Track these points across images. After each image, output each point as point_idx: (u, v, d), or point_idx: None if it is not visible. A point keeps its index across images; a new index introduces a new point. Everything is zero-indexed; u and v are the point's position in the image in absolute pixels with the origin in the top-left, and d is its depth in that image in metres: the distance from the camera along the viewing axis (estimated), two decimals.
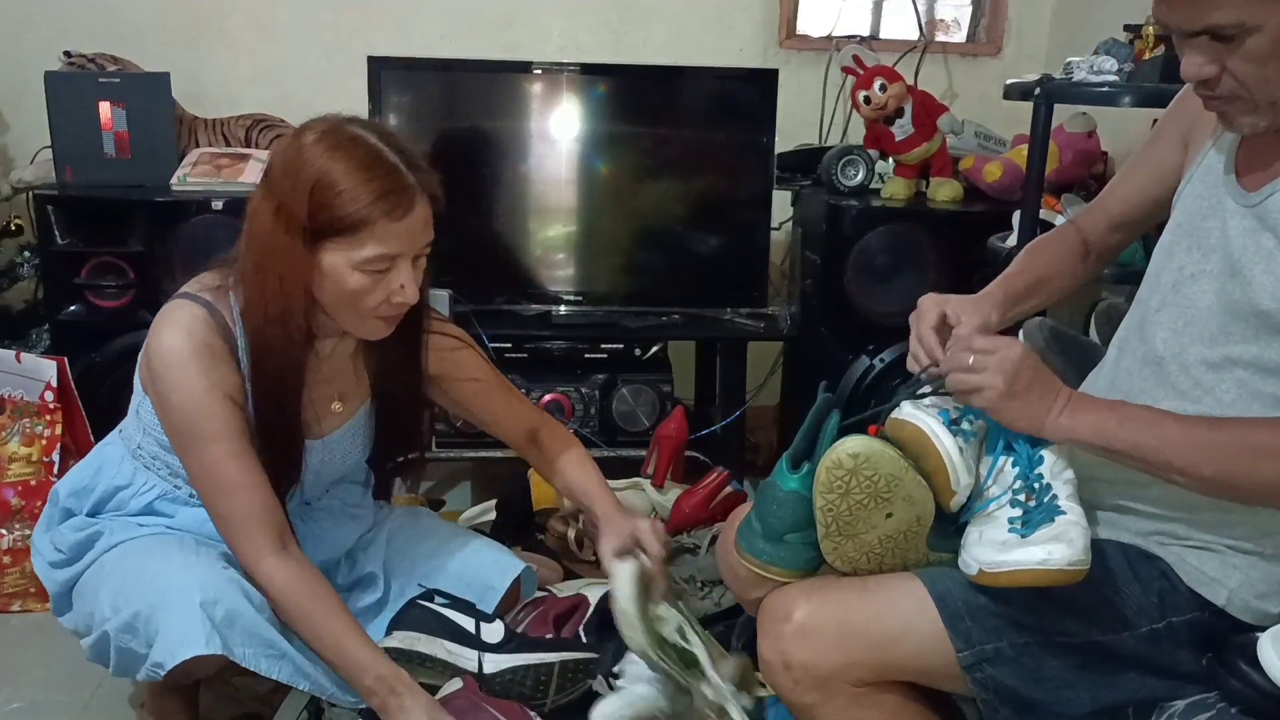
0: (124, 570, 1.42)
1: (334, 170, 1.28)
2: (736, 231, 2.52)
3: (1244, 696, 1.12)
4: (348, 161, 1.29)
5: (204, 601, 1.31)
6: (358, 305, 1.36)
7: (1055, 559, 1.08)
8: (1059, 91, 1.97)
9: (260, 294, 1.35)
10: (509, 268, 2.52)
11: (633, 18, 2.92)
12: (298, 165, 1.30)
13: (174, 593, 1.33)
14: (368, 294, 1.35)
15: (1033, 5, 3.01)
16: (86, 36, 2.62)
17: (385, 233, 1.31)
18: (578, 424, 2.46)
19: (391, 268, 1.34)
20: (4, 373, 2.17)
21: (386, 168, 1.31)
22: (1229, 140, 1.22)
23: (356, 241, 1.31)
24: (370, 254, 1.31)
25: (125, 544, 1.47)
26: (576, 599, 1.78)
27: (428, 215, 1.37)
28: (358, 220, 1.29)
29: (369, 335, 1.44)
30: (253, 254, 1.35)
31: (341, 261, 1.32)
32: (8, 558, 2.09)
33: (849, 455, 1.14)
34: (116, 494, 1.51)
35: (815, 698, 1.19)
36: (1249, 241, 1.14)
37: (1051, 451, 1.17)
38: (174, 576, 1.36)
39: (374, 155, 1.31)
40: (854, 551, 1.19)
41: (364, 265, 1.32)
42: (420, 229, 1.36)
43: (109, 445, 1.57)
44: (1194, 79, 1.12)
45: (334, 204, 1.29)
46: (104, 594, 1.41)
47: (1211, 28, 1.06)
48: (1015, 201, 2.19)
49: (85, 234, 2.41)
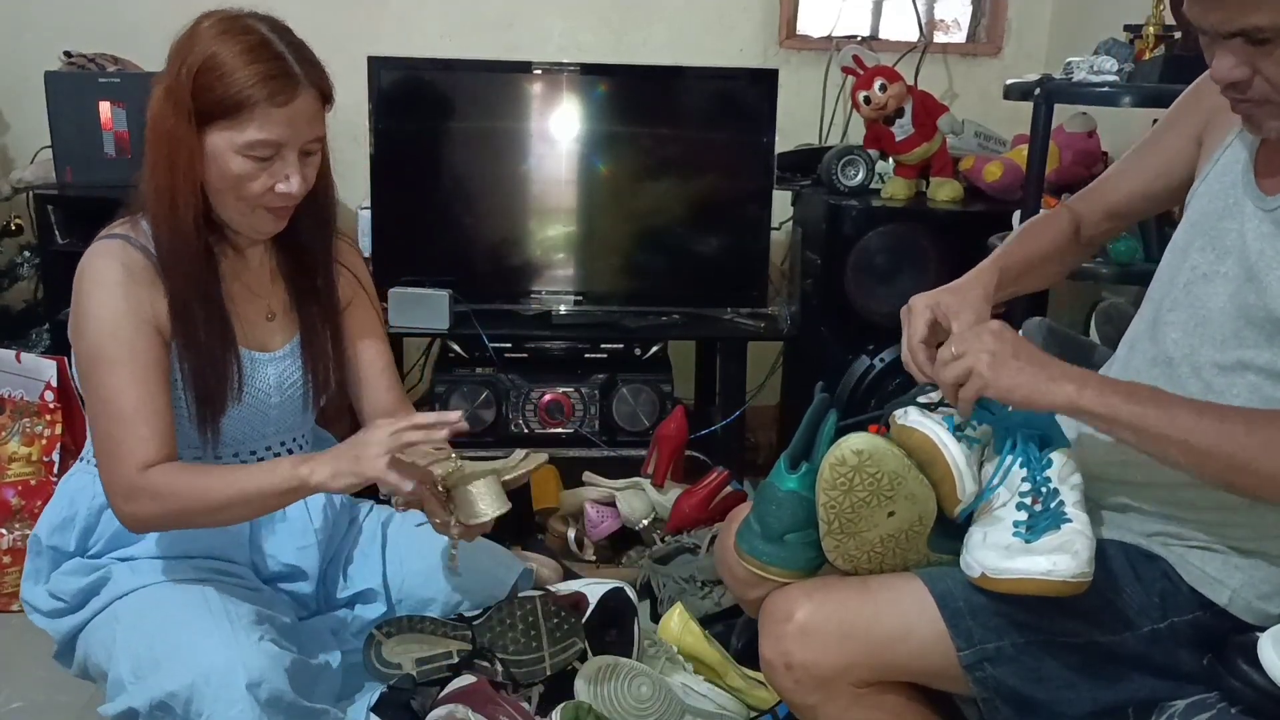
0: (146, 630, 1.36)
1: (221, 52, 1.31)
2: (736, 231, 2.52)
3: (1244, 697, 1.11)
4: (235, 45, 1.31)
5: (250, 683, 1.28)
6: (240, 191, 1.35)
7: (1059, 570, 1.07)
8: (1059, 91, 1.97)
9: (155, 182, 1.35)
10: (509, 268, 2.52)
11: (633, 18, 2.92)
12: (187, 48, 1.33)
13: (216, 674, 1.28)
14: (251, 180, 1.35)
15: (1033, 5, 3.01)
16: (86, 36, 2.62)
17: (267, 117, 1.32)
18: (577, 424, 2.46)
19: (276, 156, 1.35)
20: (4, 373, 2.17)
21: (273, 53, 1.33)
22: (1249, 140, 1.20)
23: (239, 124, 1.31)
24: (252, 137, 1.32)
25: (141, 594, 1.41)
26: (575, 596, 1.78)
27: (315, 108, 1.38)
28: (239, 101, 1.30)
29: (257, 230, 1.42)
30: (148, 142, 1.37)
31: (224, 144, 1.33)
32: (8, 558, 2.09)
33: (853, 452, 1.14)
34: (101, 513, 1.46)
35: (817, 698, 1.19)
36: (1267, 246, 1.13)
37: (1061, 454, 1.17)
38: (214, 653, 1.30)
39: (262, 41, 1.33)
40: (855, 550, 1.19)
41: (246, 149, 1.33)
42: (305, 120, 1.36)
43: (72, 477, 1.53)
44: (1225, 81, 1.09)
45: (217, 84, 1.30)
46: (123, 656, 1.35)
47: (1248, 30, 1.04)
48: (1015, 201, 2.19)
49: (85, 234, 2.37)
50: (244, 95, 1.30)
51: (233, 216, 1.40)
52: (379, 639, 1.49)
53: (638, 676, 1.61)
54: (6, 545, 2.10)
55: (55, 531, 1.49)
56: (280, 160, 1.35)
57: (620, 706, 1.56)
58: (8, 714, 1.79)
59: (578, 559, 2.21)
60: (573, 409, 2.46)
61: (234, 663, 1.29)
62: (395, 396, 1.63)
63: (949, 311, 1.23)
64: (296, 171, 1.37)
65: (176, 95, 1.32)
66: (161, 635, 1.35)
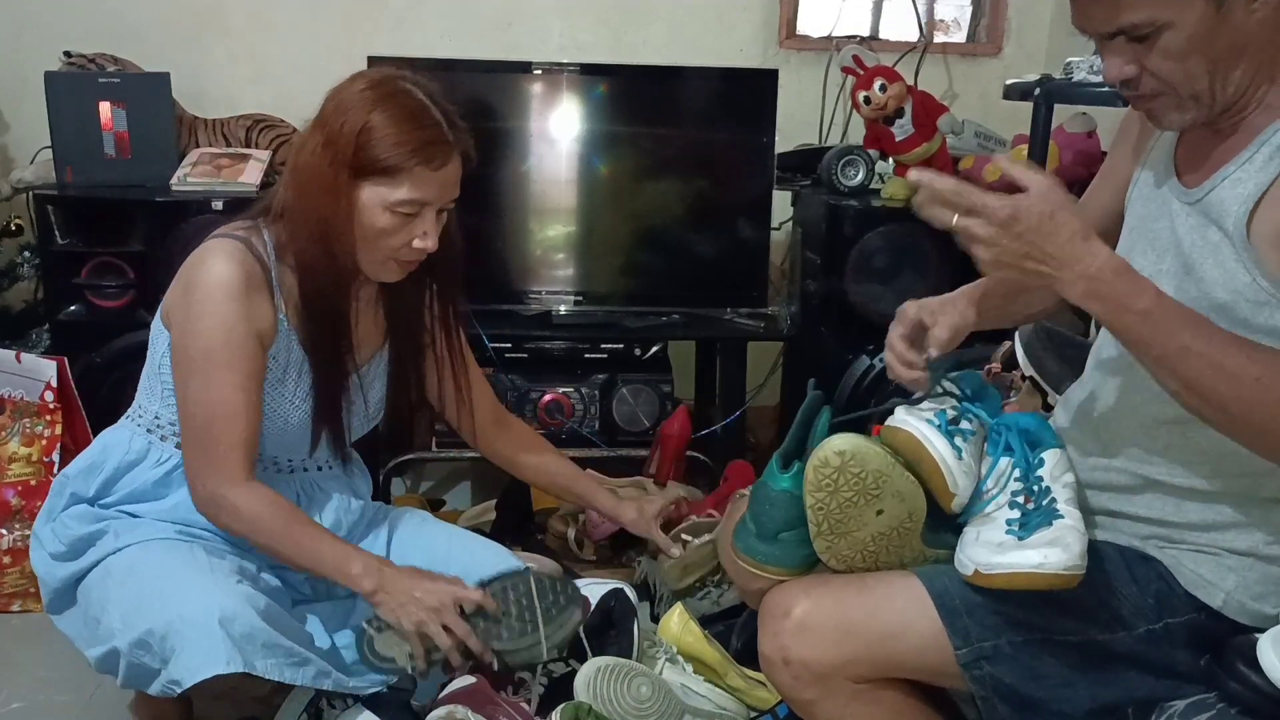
0: (137, 585, 1.42)
1: (382, 116, 1.40)
2: (736, 231, 2.52)
3: (1243, 698, 1.11)
4: (398, 110, 1.41)
5: (223, 619, 1.33)
6: (380, 243, 1.45)
7: (1050, 563, 1.09)
8: (1059, 91, 1.97)
9: (304, 219, 1.44)
10: (509, 268, 2.52)
11: (633, 18, 2.92)
12: (349, 106, 1.42)
13: (192, 612, 1.34)
14: (392, 234, 1.44)
15: (1033, 5, 3.01)
16: (86, 36, 2.62)
17: (419, 179, 1.42)
18: (577, 424, 2.46)
19: (418, 214, 1.45)
20: (4, 373, 2.17)
21: (430, 120, 1.43)
22: (1167, 141, 1.24)
23: (393, 183, 1.42)
24: (404, 196, 1.42)
25: (133, 550, 1.47)
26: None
27: (459, 172, 1.48)
28: (399, 164, 1.40)
29: (383, 277, 1.52)
30: (297, 183, 1.46)
31: (375, 199, 1.42)
32: (8, 558, 2.10)
33: (835, 453, 1.14)
34: (130, 470, 1.53)
35: (815, 694, 1.20)
36: (1196, 238, 1.15)
37: (1053, 454, 1.17)
38: (191, 596, 1.37)
39: (421, 107, 1.43)
40: (848, 550, 1.19)
41: (395, 206, 1.42)
42: (450, 183, 1.47)
43: (114, 431, 1.59)
44: (1116, 80, 1.14)
45: (379, 146, 1.40)
46: (113, 607, 1.42)
47: (1126, 28, 1.09)
48: None
49: (85, 234, 2.41)
50: (402, 160, 1.40)
51: (364, 264, 1.49)
52: (370, 633, 1.49)
53: (637, 677, 1.61)
54: (6, 545, 2.10)
55: (81, 475, 1.55)
56: (421, 218, 1.45)
57: (620, 707, 1.55)
58: (8, 714, 1.79)
59: (578, 559, 2.21)
60: (573, 409, 2.46)
61: (209, 603, 1.35)
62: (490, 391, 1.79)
63: (935, 313, 1.27)
64: (434, 230, 1.47)
65: (335, 150, 1.41)
66: (149, 584, 1.41)
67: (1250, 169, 1.12)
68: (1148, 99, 1.14)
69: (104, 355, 2.36)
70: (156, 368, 1.53)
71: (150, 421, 1.54)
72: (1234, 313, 1.12)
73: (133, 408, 1.59)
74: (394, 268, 1.50)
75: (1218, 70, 1.10)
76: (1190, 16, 1.06)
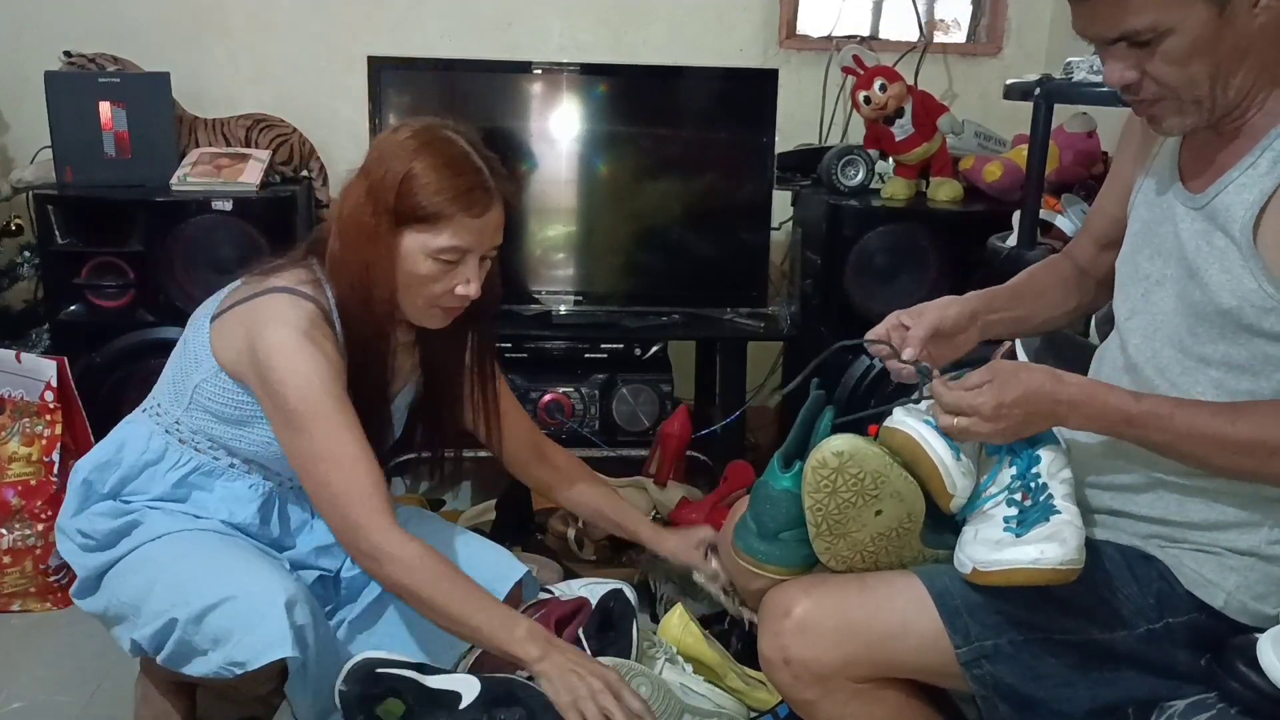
0: (185, 562, 1.43)
1: (424, 164, 1.41)
2: (736, 231, 2.52)
3: (1243, 698, 1.11)
4: (439, 158, 1.42)
5: (287, 602, 1.34)
6: (423, 290, 1.46)
7: (1047, 558, 1.09)
8: (1059, 91, 1.97)
9: (348, 266, 1.45)
10: (509, 268, 2.50)
11: (633, 18, 2.92)
12: (392, 155, 1.43)
13: (258, 590, 1.35)
14: (435, 281, 1.45)
15: (1033, 5, 3.01)
16: (86, 36, 2.62)
17: (461, 227, 1.43)
18: (577, 424, 2.46)
19: (461, 261, 1.45)
20: (4, 373, 2.17)
21: (472, 167, 1.44)
22: (1171, 146, 1.24)
23: (435, 230, 1.42)
24: (445, 244, 1.43)
25: (175, 536, 1.47)
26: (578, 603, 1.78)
27: (501, 219, 1.48)
28: (439, 212, 1.41)
29: (427, 324, 1.52)
30: (342, 231, 1.47)
31: (418, 247, 1.43)
32: (8, 558, 2.10)
33: (834, 454, 1.14)
34: (144, 470, 1.52)
35: (815, 693, 1.20)
36: (1201, 243, 1.16)
37: (1049, 450, 1.17)
38: (254, 576, 1.38)
39: (463, 156, 1.44)
40: (847, 550, 1.19)
41: (437, 253, 1.43)
42: (492, 229, 1.47)
43: (131, 424, 1.57)
44: (1117, 85, 1.15)
45: (420, 194, 1.41)
46: (160, 585, 1.42)
47: (1127, 34, 1.09)
48: (1015, 201, 2.19)
49: (85, 234, 2.41)
50: (444, 207, 1.41)
51: (407, 310, 1.49)
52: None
53: (636, 677, 1.61)
54: (6, 545, 2.10)
55: (96, 469, 1.54)
56: (463, 265, 1.46)
57: None
58: (8, 714, 1.79)
59: (578, 559, 2.21)
60: (573, 409, 2.46)
61: (272, 583, 1.36)
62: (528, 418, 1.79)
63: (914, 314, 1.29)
64: (477, 277, 1.47)
65: (378, 197, 1.42)
66: (198, 564, 1.42)
67: (1255, 174, 1.12)
68: (1149, 104, 1.15)
69: (104, 355, 2.36)
70: (193, 386, 1.49)
71: (170, 424, 1.53)
72: (1238, 318, 1.12)
73: (151, 402, 1.57)
74: (438, 314, 1.50)
75: (1219, 75, 1.10)
76: (1193, 22, 1.06)
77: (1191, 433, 1.10)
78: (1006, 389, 1.11)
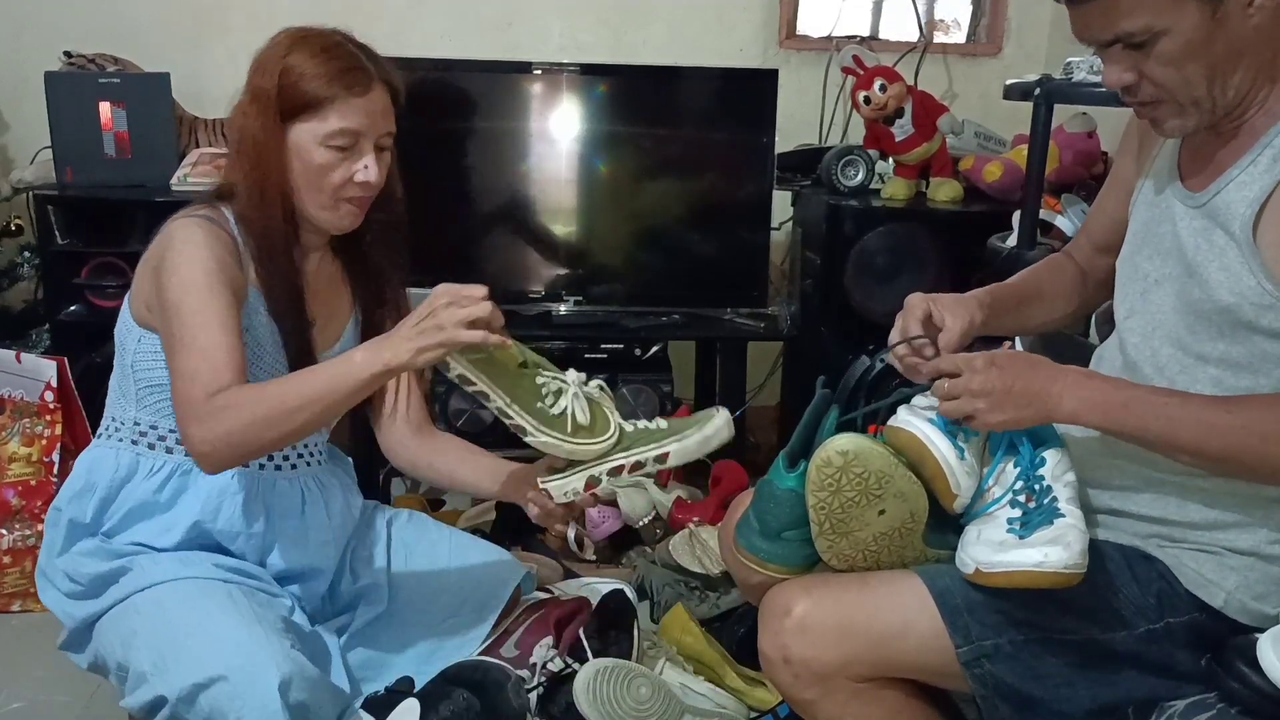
0: (169, 623, 1.35)
1: (300, 54, 1.43)
2: (736, 231, 2.52)
3: (1243, 698, 1.11)
4: (313, 47, 1.44)
5: (281, 684, 1.27)
6: (322, 182, 1.44)
7: (1051, 561, 1.09)
8: (1059, 91, 1.97)
9: (245, 182, 1.44)
10: (509, 268, 2.52)
11: (633, 18, 2.92)
12: (267, 58, 1.45)
13: (248, 669, 1.27)
14: (332, 170, 1.44)
15: (1033, 5, 3.01)
16: (86, 36, 2.62)
17: (347, 107, 1.42)
18: None
19: (354, 148, 1.44)
20: (4, 373, 2.17)
21: (346, 52, 1.45)
22: (1170, 146, 1.25)
23: (321, 116, 1.42)
24: (334, 127, 1.42)
25: (163, 587, 1.41)
26: (578, 603, 1.78)
27: (387, 103, 1.48)
28: (320, 94, 1.42)
29: (338, 224, 1.49)
30: (234, 142, 1.48)
31: (308, 137, 1.43)
32: (8, 558, 2.10)
33: (838, 453, 1.14)
34: (122, 488, 1.47)
35: (815, 693, 1.19)
36: (1201, 241, 1.16)
37: (1054, 453, 1.17)
38: (243, 648, 1.30)
39: (336, 42, 1.46)
40: (849, 549, 1.19)
41: (329, 139, 1.42)
42: (380, 112, 1.46)
43: (90, 451, 1.53)
44: (1116, 87, 1.15)
45: (300, 81, 1.42)
46: (143, 646, 1.35)
47: (1122, 36, 1.10)
48: (1015, 201, 2.19)
49: (85, 234, 2.41)
50: (324, 88, 1.42)
51: (315, 212, 1.47)
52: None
53: (637, 678, 1.61)
54: (6, 545, 2.10)
55: (74, 500, 1.49)
56: (358, 151, 1.45)
57: (620, 708, 1.55)
58: (8, 714, 1.79)
59: (578, 559, 2.21)
60: None
61: (266, 660, 1.28)
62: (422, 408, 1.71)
63: (943, 311, 1.26)
64: (374, 162, 1.46)
65: (261, 98, 1.43)
66: (186, 628, 1.34)
67: (1255, 172, 1.12)
68: (1148, 106, 1.15)
69: (104, 355, 2.34)
70: (129, 367, 1.48)
71: (131, 432, 1.48)
72: (1238, 316, 1.12)
73: (106, 425, 1.52)
74: (345, 210, 1.47)
75: (1216, 75, 1.10)
76: (1186, 23, 1.07)
77: (1186, 416, 1.09)
78: (1001, 357, 1.13)
